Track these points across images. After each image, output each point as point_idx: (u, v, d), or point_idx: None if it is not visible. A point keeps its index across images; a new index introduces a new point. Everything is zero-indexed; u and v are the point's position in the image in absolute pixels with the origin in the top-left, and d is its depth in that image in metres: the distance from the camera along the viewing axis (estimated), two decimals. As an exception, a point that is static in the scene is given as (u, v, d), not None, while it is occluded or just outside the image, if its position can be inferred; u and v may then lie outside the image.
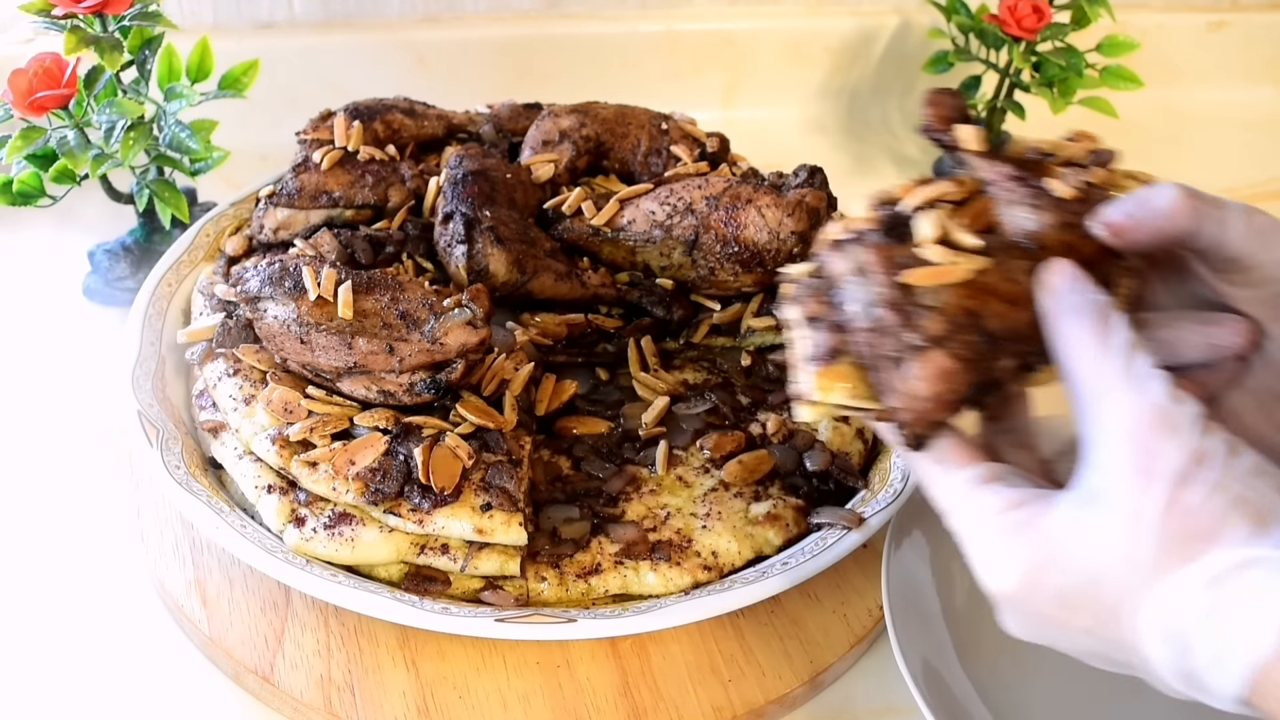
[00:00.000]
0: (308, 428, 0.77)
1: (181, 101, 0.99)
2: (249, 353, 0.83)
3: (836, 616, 0.82)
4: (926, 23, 1.46)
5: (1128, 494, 0.49)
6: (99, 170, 0.97)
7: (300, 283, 0.82)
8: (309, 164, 0.99)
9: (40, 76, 0.95)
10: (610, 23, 1.44)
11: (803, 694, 0.78)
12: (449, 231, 0.91)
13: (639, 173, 1.04)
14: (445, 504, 0.75)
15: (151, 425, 0.82)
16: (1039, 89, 1.31)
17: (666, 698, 0.76)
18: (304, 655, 0.77)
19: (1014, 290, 0.55)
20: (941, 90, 0.64)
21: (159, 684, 0.78)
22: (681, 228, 0.93)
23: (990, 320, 0.54)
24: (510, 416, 0.80)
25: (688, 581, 0.78)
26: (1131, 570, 0.49)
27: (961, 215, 0.58)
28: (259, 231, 0.97)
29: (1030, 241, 0.56)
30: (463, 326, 0.81)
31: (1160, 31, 1.54)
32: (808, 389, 0.58)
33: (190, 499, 0.77)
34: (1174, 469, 0.48)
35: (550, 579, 0.77)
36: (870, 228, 0.58)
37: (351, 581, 0.74)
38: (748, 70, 1.48)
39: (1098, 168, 0.61)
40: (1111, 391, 0.51)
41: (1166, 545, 0.48)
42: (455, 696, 0.75)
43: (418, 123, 1.07)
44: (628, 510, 0.81)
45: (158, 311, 0.93)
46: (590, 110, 1.06)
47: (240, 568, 0.81)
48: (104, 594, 0.83)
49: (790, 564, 0.77)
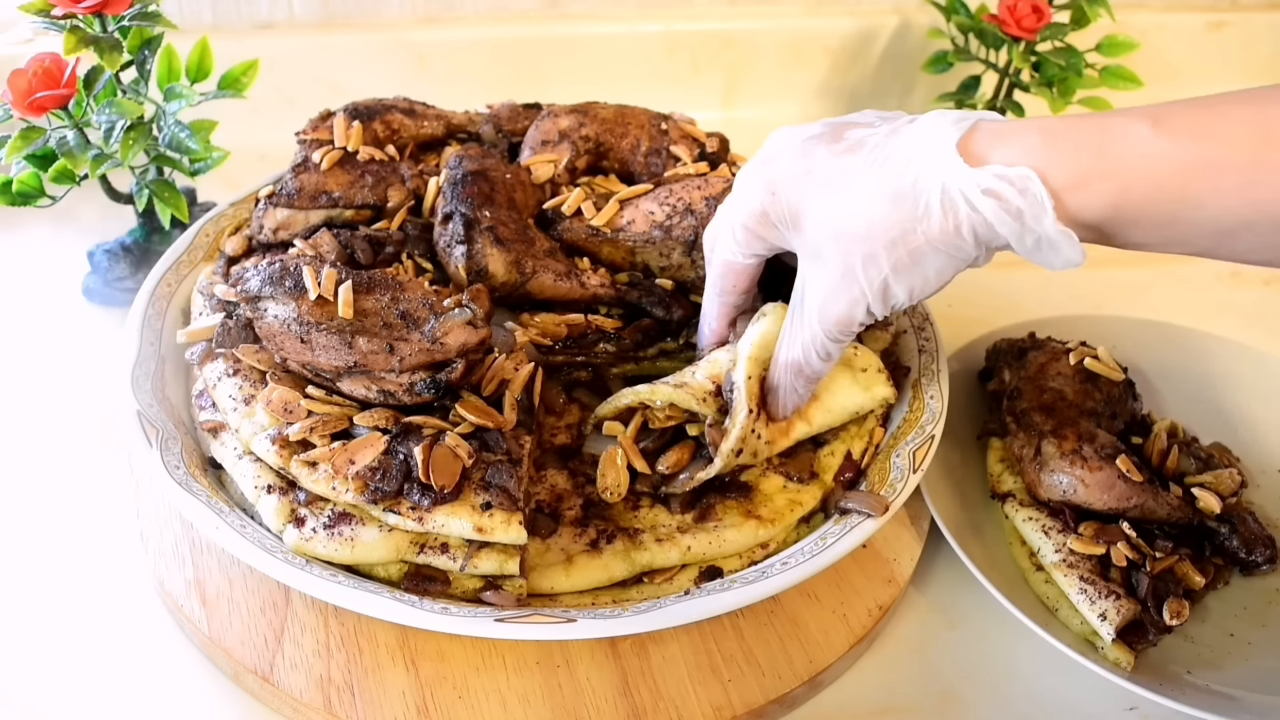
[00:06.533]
0: (307, 427, 0.77)
1: (181, 101, 0.99)
2: (249, 353, 0.83)
3: (836, 616, 0.82)
4: (926, 23, 1.46)
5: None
6: (98, 170, 0.97)
7: (300, 282, 0.82)
8: (309, 164, 0.99)
9: (40, 76, 0.95)
10: (610, 23, 1.44)
11: (803, 694, 0.78)
12: (449, 231, 0.91)
13: (639, 173, 1.04)
14: (445, 502, 0.75)
15: (151, 425, 0.82)
16: (1038, 89, 1.31)
17: (666, 698, 0.76)
18: (304, 655, 0.77)
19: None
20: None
21: (159, 684, 0.78)
22: (681, 228, 0.93)
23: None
24: (510, 416, 0.80)
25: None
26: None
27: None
28: (259, 231, 0.97)
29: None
30: (463, 326, 0.81)
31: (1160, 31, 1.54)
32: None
33: (190, 499, 0.77)
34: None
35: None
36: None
37: (351, 581, 0.74)
38: (748, 70, 1.48)
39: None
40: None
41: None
42: (455, 696, 0.75)
43: (417, 123, 1.07)
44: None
45: (157, 312, 0.93)
46: (590, 110, 1.06)
47: (240, 568, 0.81)
48: (104, 594, 0.83)
49: (790, 564, 0.77)
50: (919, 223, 0.67)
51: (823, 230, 0.71)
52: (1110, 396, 0.94)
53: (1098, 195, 0.64)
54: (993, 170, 0.65)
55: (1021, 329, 1.05)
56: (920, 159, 0.68)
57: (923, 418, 0.88)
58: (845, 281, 0.71)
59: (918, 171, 0.67)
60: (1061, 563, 0.84)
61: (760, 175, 0.75)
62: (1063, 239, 0.65)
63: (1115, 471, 0.86)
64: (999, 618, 0.83)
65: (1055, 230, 0.65)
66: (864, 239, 0.69)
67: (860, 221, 0.69)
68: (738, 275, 0.81)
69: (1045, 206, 0.64)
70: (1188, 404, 1.03)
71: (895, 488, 0.82)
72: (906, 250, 0.68)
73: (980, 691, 0.81)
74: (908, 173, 0.68)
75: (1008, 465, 0.93)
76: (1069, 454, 0.87)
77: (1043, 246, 0.66)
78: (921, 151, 0.68)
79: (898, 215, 0.68)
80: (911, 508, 0.90)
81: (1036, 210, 0.64)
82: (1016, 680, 0.82)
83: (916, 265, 0.69)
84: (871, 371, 0.87)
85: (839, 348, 0.76)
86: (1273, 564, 0.89)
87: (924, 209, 0.67)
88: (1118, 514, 0.86)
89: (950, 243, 0.67)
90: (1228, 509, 0.90)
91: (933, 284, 0.70)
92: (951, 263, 0.69)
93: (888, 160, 0.69)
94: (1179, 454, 0.93)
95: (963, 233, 0.67)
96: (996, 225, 0.66)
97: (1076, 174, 0.64)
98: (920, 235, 0.68)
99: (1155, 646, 0.82)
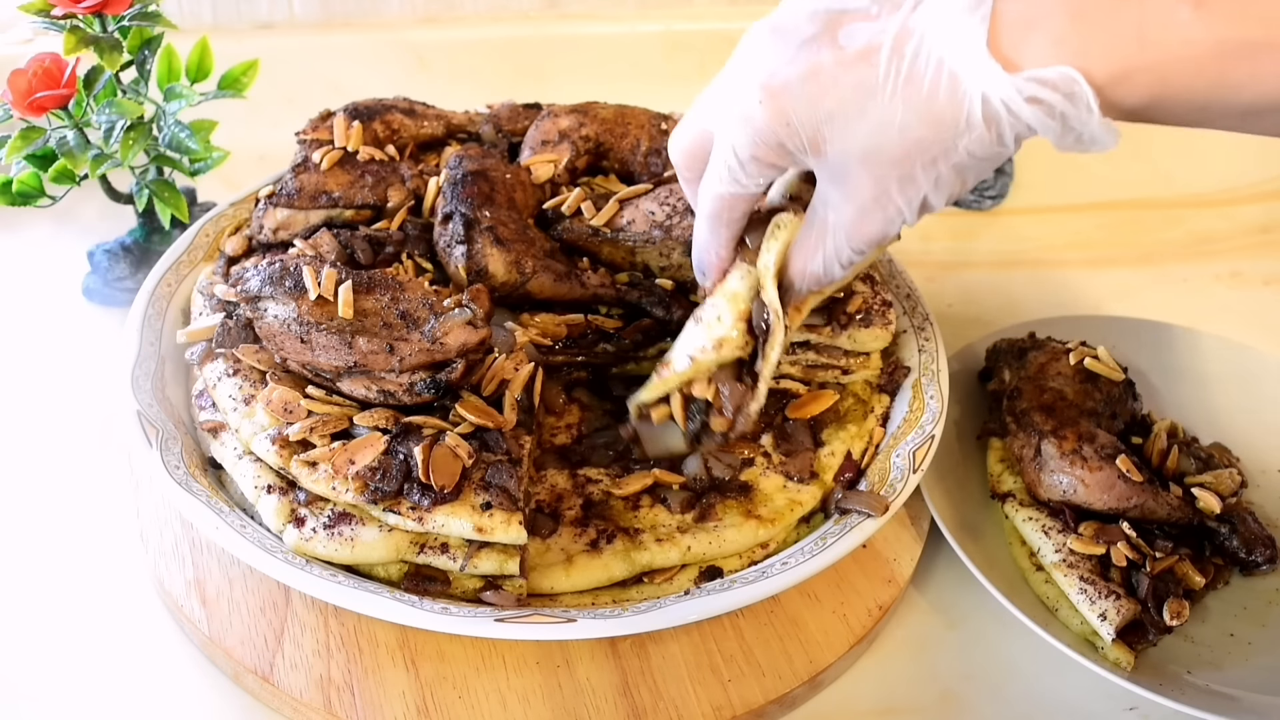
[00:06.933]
0: (307, 427, 0.77)
1: (181, 101, 0.99)
2: (249, 353, 0.83)
3: (836, 616, 0.82)
4: (926, 23, 1.46)
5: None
6: (98, 170, 0.97)
7: (300, 282, 0.82)
8: (309, 164, 0.99)
9: (40, 77, 0.95)
10: (610, 23, 1.44)
11: (803, 694, 0.78)
12: (448, 232, 0.91)
13: (639, 173, 1.04)
14: (445, 502, 0.75)
15: (151, 425, 0.82)
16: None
17: (666, 698, 0.76)
18: (304, 655, 0.77)
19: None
20: None
21: (159, 684, 0.78)
22: (681, 228, 0.93)
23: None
24: (510, 416, 0.80)
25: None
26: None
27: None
28: (259, 231, 0.97)
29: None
30: (463, 326, 0.81)
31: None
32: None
33: (190, 499, 0.77)
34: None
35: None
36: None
37: (351, 581, 0.74)
38: (747, 70, 1.48)
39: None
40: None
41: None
42: (455, 696, 0.75)
43: (417, 123, 1.07)
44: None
45: (157, 312, 0.93)
46: (590, 110, 1.06)
47: (240, 568, 0.81)
48: (104, 594, 0.83)
49: (790, 564, 0.77)
50: (960, 138, 0.65)
51: (850, 154, 0.67)
52: (1110, 396, 0.94)
53: (1139, 87, 0.62)
54: (1034, 74, 0.62)
55: (1021, 329, 1.05)
56: (951, 67, 0.64)
57: (923, 418, 0.88)
58: (879, 202, 0.68)
59: (952, 84, 0.64)
60: (1061, 563, 0.84)
61: (768, 105, 0.68)
62: (1104, 132, 0.64)
63: (1115, 471, 0.86)
64: (999, 618, 0.83)
65: (1099, 127, 0.63)
66: (899, 162, 0.66)
67: (894, 146, 0.66)
68: (746, 203, 0.75)
69: (1092, 107, 0.62)
70: (1188, 404, 1.03)
71: (895, 488, 0.82)
72: (948, 166, 0.66)
73: (980, 691, 0.81)
74: (940, 86, 0.64)
75: (1008, 465, 0.93)
76: (1069, 454, 0.87)
77: (1083, 141, 0.65)
78: (951, 57, 0.64)
79: (936, 134, 0.65)
80: (911, 508, 0.90)
81: (1082, 113, 0.63)
82: (1016, 680, 0.82)
83: (956, 176, 0.67)
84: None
85: (863, 258, 0.72)
86: (1273, 564, 0.89)
87: (965, 124, 0.64)
88: (1118, 514, 0.86)
89: (992, 151, 0.65)
90: (1228, 509, 0.90)
91: (970, 185, 0.68)
92: (988, 164, 0.67)
93: (913, 72, 0.64)
94: (1179, 454, 0.93)
95: (1005, 140, 0.65)
96: (1040, 130, 0.64)
97: (1118, 68, 0.62)
98: (962, 150, 0.65)
99: (1155, 646, 0.82)
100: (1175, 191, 1.39)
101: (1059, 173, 1.36)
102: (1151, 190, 1.38)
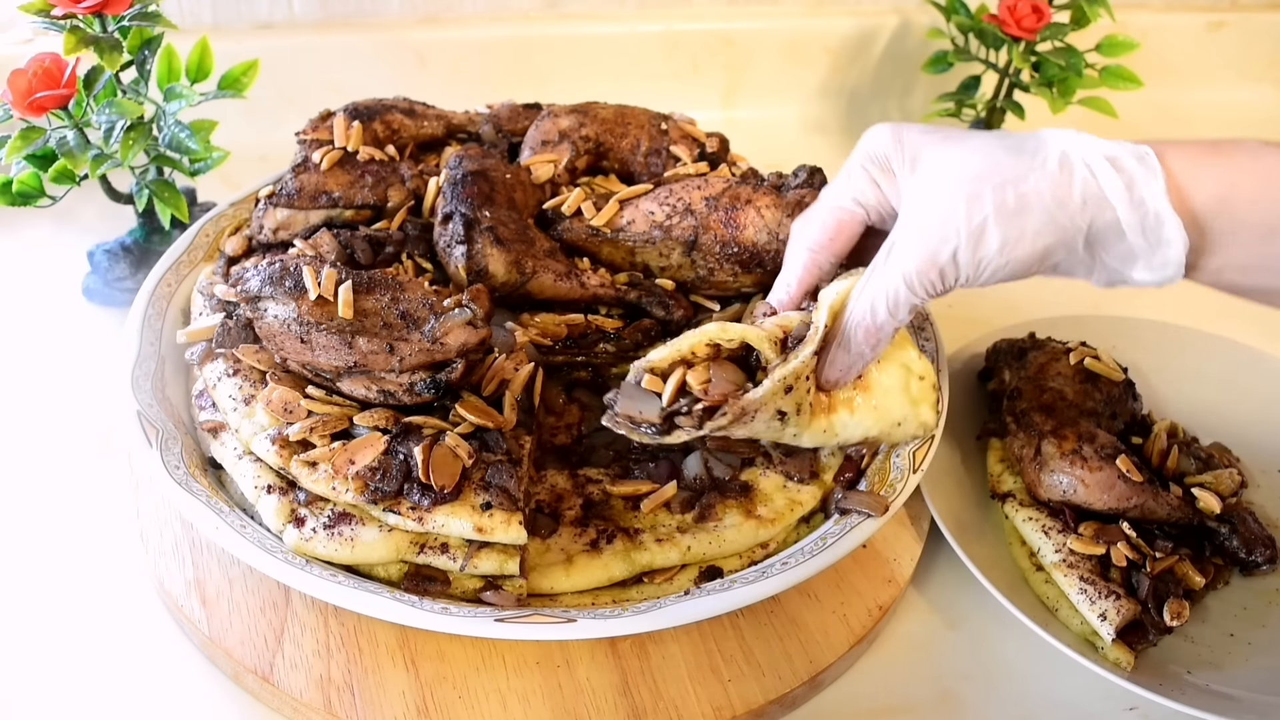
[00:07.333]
0: (307, 428, 0.77)
1: (181, 101, 0.99)
2: (249, 353, 0.83)
3: (836, 616, 0.82)
4: (926, 23, 1.46)
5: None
6: (99, 170, 0.97)
7: (300, 282, 0.82)
8: (309, 164, 0.99)
9: (40, 77, 0.95)
10: (610, 23, 1.44)
11: (803, 694, 0.78)
12: (448, 232, 0.91)
13: (639, 173, 1.04)
14: (445, 502, 0.75)
15: (151, 425, 0.82)
16: (1038, 89, 1.31)
17: (666, 698, 0.76)
18: (304, 655, 0.77)
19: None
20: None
21: (159, 684, 0.78)
22: (681, 228, 0.93)
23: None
24: (510, 416, 0.80)
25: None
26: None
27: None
28: (259, 231, 0.97)
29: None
30: (463, 326, 0.81)
31: (1160, 31, 1.54)
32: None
33: (190, 499, 0.77)
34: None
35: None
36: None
37: (351, 581, 0.74)
38: (748, 70, 1.48)
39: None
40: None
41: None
42: (455, 696, 0.75)
43: (417, 123, 1.07)
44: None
45: (157, 312, 0.93)
46: (590, 110, 1.06)
47: (240, 568, 0.81)
48: (104, 594, 0.83)
49: (790, 564, 0.77)
50: (1033, 170, 0.69)
51: (935, 169, 0.72)
52: (1110, 396, 0.94)
53: (1208, 178, 0.67)
54: (1116, 142, 0.69)
55: (1021, 329, 1.05)
56: (1045, 131, 0.72)
57: (923, 418, 0.88)
58: (942, 222, 0.70)
59: (1042, 136, 0.71)
60: (1061, 563, 0.84)
61: (888, 129, 0.76)
62: (1169, 219, 0.67)
63: (1115, 471, 0.86)
64: (999, 618, 0.83)
65: (1164, 204, 0.67)
66: (975, 178, 0.70)
67: (975, 163, 0.70)
68: (835, 228, 0.79)
69: (1157, 174, 0.67)
70: (1188, 404, 1.03)
71: (895, 488, 0.82)
72: (1015, 193, 0.69)
73: (980, 691, 0.81)
74: (1031, 136, 0.72)
75: (1008, 465, 0.93)
76: (1069, 454, 0.87)
77: (1147, 231, 0.68)
78: (1046, 129, 0.72)
79: (1013, 160, 0.70)
80: (911, 508, 0.90)
81: (1148, 178, 0.67)
82: (1016, 680, 0.82)
83: (1019, 214, 0.69)
84: (925, 386, 0.83)
85: (908, 304, 0.73)
86: (1273, 564, 0.89)
87: (1041, 160, 0.69)
88: (1118, 514, 0.86)
89: (1059, 198, 0.68)
90: (1228, 509, 0.90)
91: (1025, 246, 0.69)
92: (1052, 227, 0.69)
93: (1011, 133, 0.73)
94: (1179, 454, 0.93)
95: (1073, 191, 0.68)
96: (1108, 190, 0.68)
97: (1191, 159, 0.68)
98: (1032, 182, 0.69)
99: (1155, 646, 0.82)
100: (1175, 191, 1.39)
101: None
102: (1151, 190, 1.38)
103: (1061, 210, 0.68)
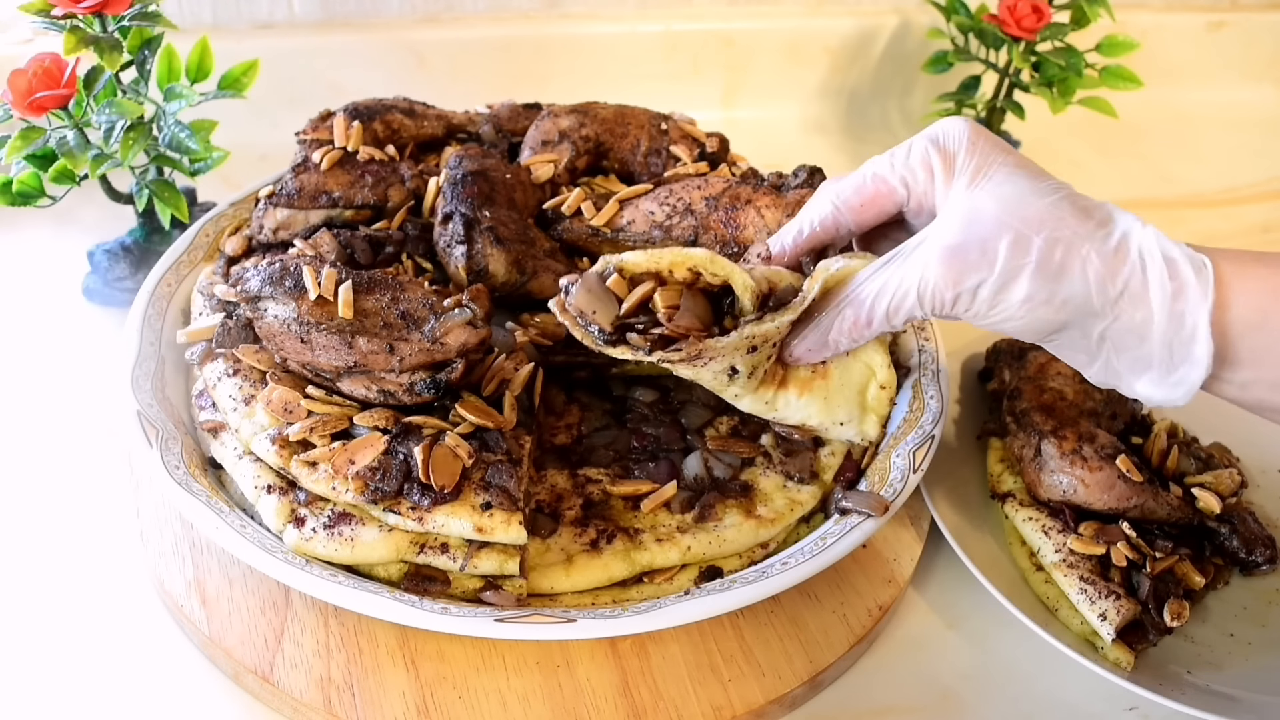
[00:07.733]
0: (307, 428, 0.77)
1: (181, 101, 0.99)
2: (249, 353, 0.83)
3: (836, 616, 0.82)
4: (926, 23, 1.46)
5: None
6: (99, 170, 0.97)
7: (300, 282, 0.82)
8: (309, 164, 0.99)
9: (40, 76, 0.95)
10: (610, 23, 1.44)
11: (803, 694, 0.78)
12: (449, 232, 0.91)
13: (639, 173, 1.04)
14: (445, 502, 0.75)
15: (151, 425, 0.82)
16: (1039, 89, 1.31)
17: (666, 697, 0.76)
18: (304, 655, 0.77)
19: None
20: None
21: (159, 684, 0.78)
22: (681, 228, 0.93)
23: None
24: (510, 416, 0.80)
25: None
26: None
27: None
28: (259, 231, 0.97)
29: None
30: (463, 326, 0.81)
31: (1160, 31, 1.54)
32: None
33: (190, 499, 0.77)
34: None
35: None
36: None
37: (351, 581, 0.74)
38: (748, 70, 1.48)
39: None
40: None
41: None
42: (455, 696, 0.75)
43: (417, 123, 1.07)
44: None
45: (157, 311, 0.93)
46: (590, 110, 1.06)
47: (240, 568, 0.81)
48: (104, 594, 0.83)
49: (790, 564, 0.77)
50: (1090, 240, 0.66)
51: (996, 191, 0.68)
52: (1110, 397, 0.94)
53: (1249, 290, 0.65)
54: (1179, 245, 0.66)
55: (1021, 329, 1.05)
56: (1115, 207, 0.69)
57: (923, 418, 0.88)
58: (981, 251, 0.66)
59: (1111, 209, 0.68)
60: (1061, 563, 0.84)
61: (967, 124, 0.73)
62: (1203, 340, 0.65)
63: (1115, 471, 0.86)
64: (999, 618, 0.83)
65: (1204, 324, 0.65)
66: (1031, 221, 0.66)
67: (1039, 206, 0.67)
68: (872, 196, 0.75)
69: (1208, 293, 0.65)
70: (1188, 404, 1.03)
71: (895, 488, 0.82)
72: (1063, 255, 0.65)
73: (980, 691, 0.81)
74: (1102, 205, 0.69)
75: (1008, 465, 0.93)
76: (1069, 454, 0.87)
77: (1174, 346, 0.66)
78: (1116, 206, 0.70)
79: (1076, 221, 0.66)
80: (911, 508, 0.90)
81: (1198, 297, 0.65)
82: (1016, 680, 0.82)
83: (1058, 277, 0.65)
84: (883, 398, 0.83)
85: (910, 314, 0.70)
86: (1273, 564, 0.89)
87: (1105, 235, 0.66)
88: (1118, 514, 0.86)
89: (1102, 279, 0.65)
90: (1228, 509, 0.90)
91: (1048, 312, 0.66)
92: (1082, 305, 0.66)
93: (1082, 195, 0.70)
94: (1179, 454, 0.93)
95: (1119, 278, 0.65)
96: (1153, 291, 0.65)
97: (1236, 267, 0.66)
98: (1084, 251, 0.65)
99: (1155, 646, 0.82)
100: (1175, 191, 1.39)
101: (1059, 172, 1.36)
102: (1151, 190, 1.38)
103: (1099, 293, 0.65)
